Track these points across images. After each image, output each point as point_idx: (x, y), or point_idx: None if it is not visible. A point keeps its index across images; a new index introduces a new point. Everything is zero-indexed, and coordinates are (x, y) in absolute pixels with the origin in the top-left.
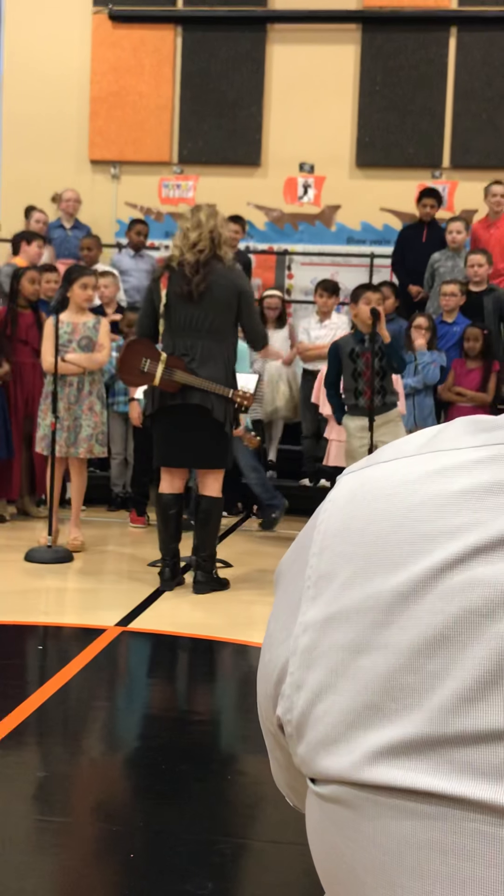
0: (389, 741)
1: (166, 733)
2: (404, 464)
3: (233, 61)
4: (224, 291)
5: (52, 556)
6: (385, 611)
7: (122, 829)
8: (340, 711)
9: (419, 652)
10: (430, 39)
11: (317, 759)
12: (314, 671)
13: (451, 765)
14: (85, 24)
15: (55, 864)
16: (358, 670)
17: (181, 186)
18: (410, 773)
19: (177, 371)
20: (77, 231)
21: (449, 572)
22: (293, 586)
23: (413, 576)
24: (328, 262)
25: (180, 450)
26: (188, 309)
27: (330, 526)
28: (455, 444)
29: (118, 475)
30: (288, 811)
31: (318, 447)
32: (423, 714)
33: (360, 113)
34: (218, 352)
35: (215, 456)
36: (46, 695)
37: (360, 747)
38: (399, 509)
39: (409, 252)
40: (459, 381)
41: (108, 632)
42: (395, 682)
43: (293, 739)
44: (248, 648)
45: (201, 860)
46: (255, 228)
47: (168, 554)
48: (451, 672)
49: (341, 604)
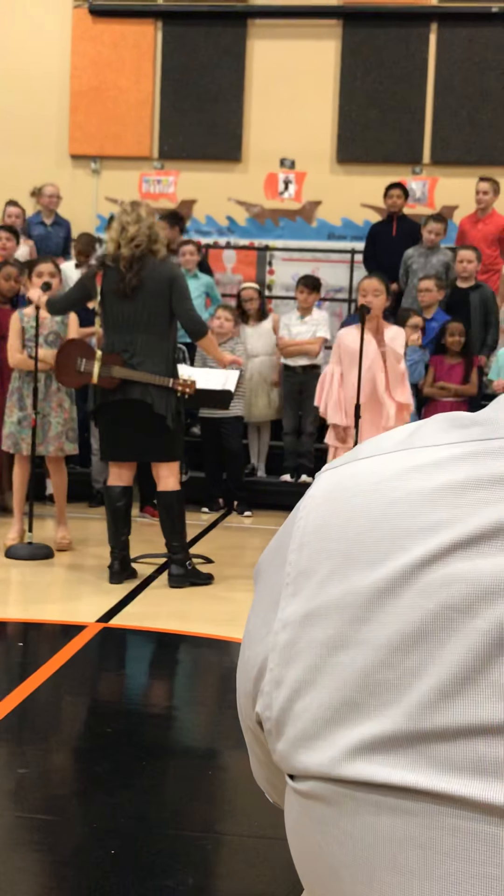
0: (367, 737)
1: (146, 729)
2: (383, 461)
3: (213, 56)
4: (157, 284)
5: (32, 552)
6: (363, 607)
7: (102, 825)
8: (319, 708)
9: (397, 648)
10: (410, 35)
11: (295, 756)
12: (293, 668)
13: (429, 760)
14: (65, 18)
15: (35, 861)
16: (336, 666)
17: (162, 181)
18: (388, 768)
19: (114, 367)
20: (57, 227)
21: (427, 568)
22: (272, 582)
23: (391, 572)
24: (309, 257)
25: (125, 444)
26: (123, 304)
27: (309, 522)
28: (432, 441)
29: (99, 471)
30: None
31: (299, 443)
32: (400, 710)
33: (340, 109)
34: (157, 345)
35: (162, 449)
36: (27, 692)
37: (339, 743)
38: (378, 506)
39: (381, 247)
40: (441, 377)
41: (88, 628)
42: (373, 678)
43: (272, 736)
44: (230, 644)
45: (182, 856)
46: (236, 224)
47: (117, 546)
48: (429, 668)
49: (320, 600)
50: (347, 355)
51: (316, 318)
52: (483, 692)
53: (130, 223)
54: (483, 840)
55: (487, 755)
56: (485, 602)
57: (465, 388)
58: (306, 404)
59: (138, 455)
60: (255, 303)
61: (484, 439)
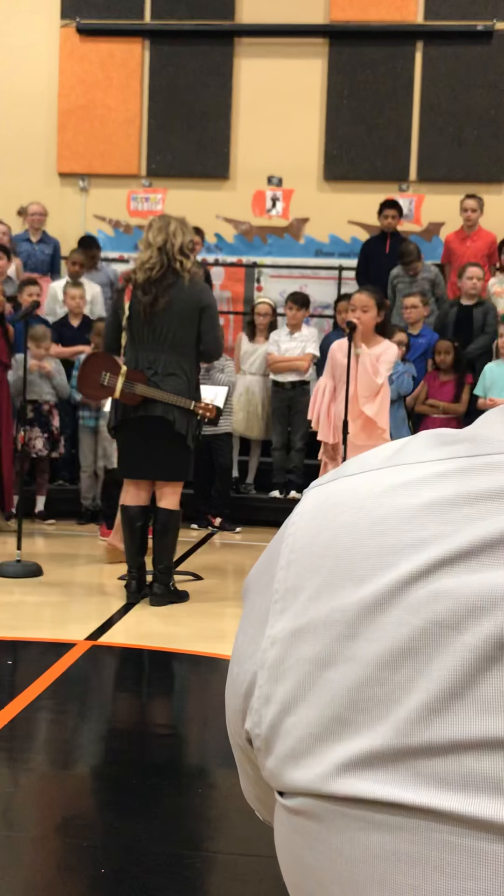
0: (356, 753)
1: (136, 747)
2: (369, 477)
3: (201, 75)
4: (186, 306)
5: (22, 570)
6: (351, 623)
7: (91, 843)
8: (308, 724)
9: (385, 664)
10: (396, 54)
11: (285, 772)
12: (282, 684)
13: (418, 776)
14: (53, 37)
15: (24, 880)
16: (325, 683)
17: (150, 199)
18: (377, 784)
19: (137, 384)
20: (43, 245)
21: (414, 584)
22: (261, 600)
23: (379, 588)
24: (297, 274)
25: (143, 461)
26: (150, 322)
27: (297, 539)
28: (418, 458)
29: (88, 488)
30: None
31: (288, 459)
32: (389, 726)
33: (327, 126)
34: (180, 365)
35: (176, 468)
36: (16, 710)
37: (328, 759)
38: (364, 522)
39: (373, 263)
40: (433, 394)
41: (77, 646)
42: (361, 694)
43: (262, 753)
44: (219, 661)
45: (172, 874)
46: (224, 241)
47: (134, 566)
48: (418, 684)
49: (308, 617)
50: (339, 369)
51: (305, 334)
52: (471, 707)
53: (143, 249)
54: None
55: (476, 770)
56: (472, 617)
57: (453, 406)
58: (295, 420)
59: (153, 472)
60: (268, 318)
61: (469, 455)
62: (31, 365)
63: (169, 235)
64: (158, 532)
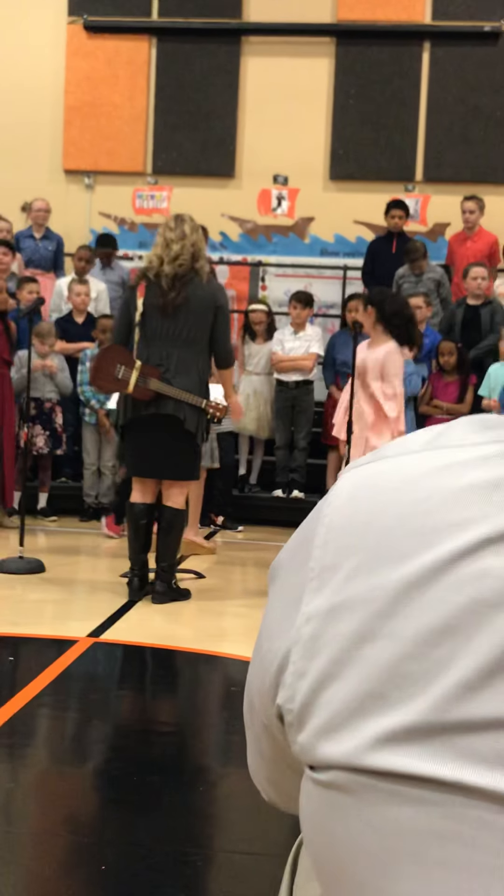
0: (392, 728)
1: (137, 744)
2: (410, 459)
3: (207, 73)
4: (202, 304)
5: (24, 566)
6: (391, 601)
7: (92, 840)
8: (344, 699)
9: (424, 640)
10: (403, 53)
11: (318, 746)
12: (317, 660)
13: (453, 752)
14: (59, 34)
15: (24, 876)
16: (362, 659)
17: (155, 197)
18: (412, 759)
19: (151, 379)
20: (46, 241)
21: (460, 562)
22: (294, 579)
23: (421, 566)
24: (301, 273)
25: (151, 460)
26: (164, 319)
27: (335, 519)
28: (461, 441)
29: (90, 486)
30: (260, 822)
31: (291, 458)
32: (426, 701)
33: (333, 126)
34: (192, 362)
35: (184, 468)
36: (17, 706)
37: (363, 734)
38: (406, 502)
39: (379, 263)
40: (437, 395)
41: (79, 643)
42: (398, 670)
43: (293, 728)
44: (220, 659)
45: (173, 872)
46: (229, 240)
47: (137, 564)
48: (456, 661)
49: (346, 594)
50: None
51: (309, 333)
52: None
53: (175, 240)
54: None
55: None
56: None
57: (457, 407)
58: (298, 420)
59: (161, 471)
60: (263, 325)
61: None
62: (34, 364)
63: (199, 237)
64: (163, 530)
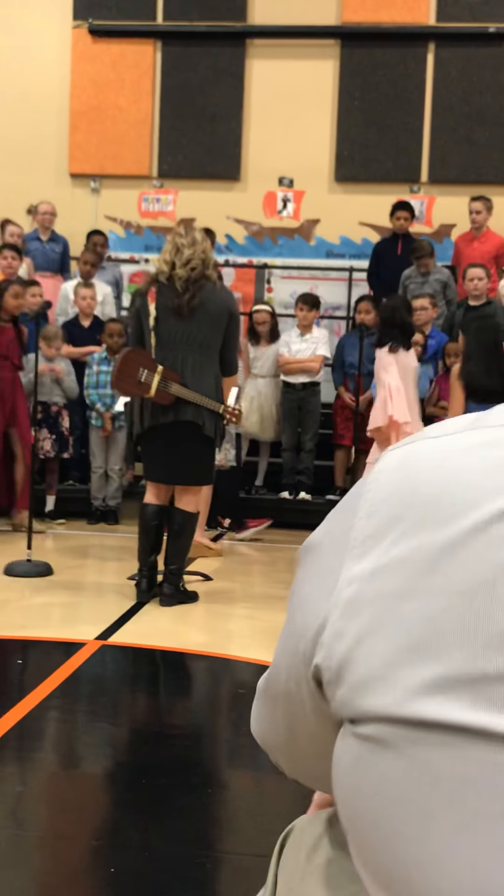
0: (430, 678)
1: (146, 747)
2: (451, 438)
3: (212, 76)
4: (217, 308)
5: (32, 569)
6: (432, 560)
7: (102, 843)
8: (383, 653)
9: (463, 595)
10: (408, 55)
11: (357, 699)
12: (357, 619)
13: (490, 701)
14: (65, 38)
15: (33, 879)
16: (401, 615)
17: (161, 200)
18: (451, 708)
19: (172, 384)
20: (53, 243)
21: (497, 523)
22: (332, 552)
23: (462, 528)
24: (307, 275)
25: (167, 466)
26: (179, 321)
27: (377, 493)
28: (499, 422)
29: (98, 489)
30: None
31: (298, 460)
32: (464, 653)
33: (338, 128)
34: (208, 366)
35: (199, 473)
36: (26, 709)
37: (402, 685)
38: (449, 474)
39: (385, 265)
40: (444, 396)
41: (87, 645)
42: (437, 624)
43: (332, 685)
44: (229, 662)
45: (183, 874)
46: (235, 242)
47: (145, 566)
48: (494, 614)
49: (388, 557)
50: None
51: (316, 335)
52: None
53: (186, 245)
54: None
55: None
56: None
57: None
58: (305, 421)
59: (175, 478)
60: (267, 326)
61: None
62: (41, 368)
63: (209, 245)
64: (174, 533)
